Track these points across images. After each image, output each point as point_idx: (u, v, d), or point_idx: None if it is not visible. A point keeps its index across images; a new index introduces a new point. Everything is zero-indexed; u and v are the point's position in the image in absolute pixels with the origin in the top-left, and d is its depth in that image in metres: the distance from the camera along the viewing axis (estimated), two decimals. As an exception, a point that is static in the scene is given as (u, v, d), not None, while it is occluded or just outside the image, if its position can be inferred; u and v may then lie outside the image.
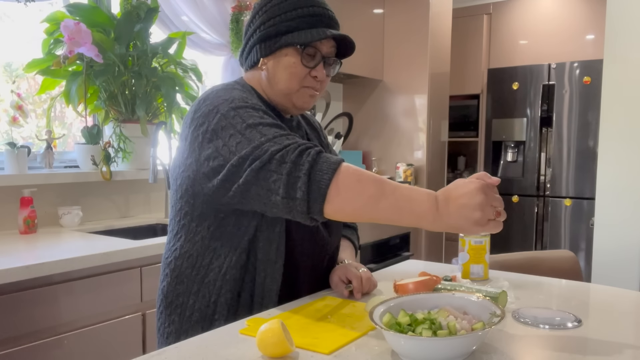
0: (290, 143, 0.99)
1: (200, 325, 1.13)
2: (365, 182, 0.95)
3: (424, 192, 0.94)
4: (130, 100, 2.39)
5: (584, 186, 4.11)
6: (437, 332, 0.84)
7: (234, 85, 1.19)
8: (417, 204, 0.93)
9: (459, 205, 0.90)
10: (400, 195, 0.94)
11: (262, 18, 1.17)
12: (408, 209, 0.94)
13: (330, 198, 0.95)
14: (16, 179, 2.04)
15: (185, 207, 1.15)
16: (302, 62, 1.15)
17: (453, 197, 0.91)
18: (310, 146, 0.99)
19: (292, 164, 0.96)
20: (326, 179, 0.95)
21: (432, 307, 0.95)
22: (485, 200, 0.89)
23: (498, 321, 0.85)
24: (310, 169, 0.95)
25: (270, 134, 1.01)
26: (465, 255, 1.33)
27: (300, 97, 1.19)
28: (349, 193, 0.95)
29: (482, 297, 0.96)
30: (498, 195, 0.92)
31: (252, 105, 1.08)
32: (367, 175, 0.97)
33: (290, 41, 1.14)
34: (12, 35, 2.34)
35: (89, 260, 1.63)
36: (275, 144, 0.99)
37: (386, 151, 3.93)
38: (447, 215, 0.91)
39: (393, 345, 0.86)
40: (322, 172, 0.95)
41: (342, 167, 0.96)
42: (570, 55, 4.38)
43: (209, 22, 2.83)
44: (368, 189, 0.95)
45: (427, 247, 3.79)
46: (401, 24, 3.82)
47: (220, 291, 1.12)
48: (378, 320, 0.87)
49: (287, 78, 1.17)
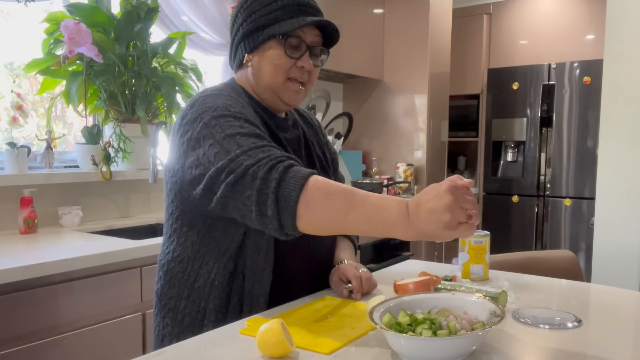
0: (262, 157, 0.98)
1: (191, 330, 1.13)
2: (333, 196, 0.94)
3: (394, 200, 0.92)
4: (130, 100, 2.39)
5: (584, 186, 4.11)
6: (437, 332, 0.83)
7: (222, 90, 1.17)
8: (387, 212, 0.91)
9: (428, 209, 0.86)
10: (369, 205, 0.92)
11: (244, 15, 1.17)
12: (378, 218, 0.92)
13: (300, 214, 0.94)
14: (16, 179, 2.04)
15: (177, 212, 1.17)
16: (285, 53, 1.15)
17: (422, 202, 0.88)
18: (281, 160, 0.98)
19: (261, 181, 0.96)
20: (293, 196, 0.94)
21: (432, 307, 0.95)
22: (454, 202, 0.85)
23: (498, 321, 0.85)
24: (277, 186, 0.95)
25: (246, 146, 1.00)
26: (465, 255, 1.32)
27: (286, 91, 1.18)
28: (317, 208, 0.94)
29: (482, 297, 0.96)
30: (470, 197, 0.87)
31: (233, 113, 1.07)
32: (335, 188, 0.95)
33: (271, 33, 1.14)
34: (13, 34, 2.34)
35: (89, 260, 1.63)
36: (249, 157, 0.98)
37: (386, 151, 3.93)
38: (418, 221, 0.88)
39: (393, 345, 0.86)
40: (290, 189, 0.94)
41: (310, 183, 0.95)
42: (570, 55, 4.38)
43: (209, 22, 2.83)
44: (336, 202, 0.94)
45: (427, 247, 3.79)
46: (401, 24, 3.82)
47: (209, 297, 1.12)
48: (378, 320, 0.87)
49: (271, 71, 1.16)
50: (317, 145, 1.36)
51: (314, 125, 1.40)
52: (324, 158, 1.35)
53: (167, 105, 2.41)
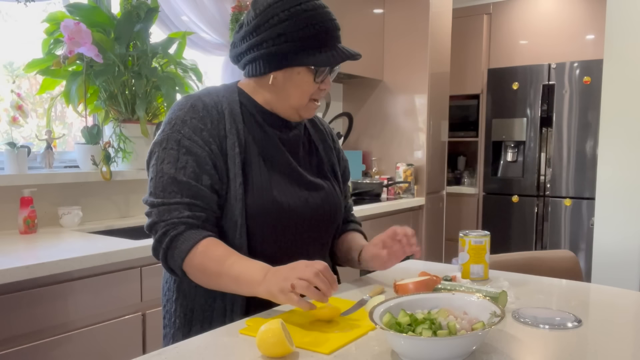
0: (163, 219, 1.11)
1: (181, 332, 1.19)
2: (207, 269, 1.08)
3: (259, 265, 1.06)
4: (130, 100, 2.39)
5: (584, 186, 4.11)
6: (437, 332, 0.83)
7: (195, 101, 1.19)
8: (252, 272, 1.05)
9: (275, 273, 1.02)
10: (237, 269, 1.06)
11: (271, 32, 1.14)
12: (244, 279, 1.05)
13: (188, 274, 1.12)
14: (16, 179, 2.04)
15: None
16: (315, 81, 1.19)
17: (280, 269, 1.03)
18: (170, 228, 1.10)
19: (156, 242, 1.12)
20: (178, 266, 1.11)
21: (432, 307, 0.95)
22: (291, 273, 0.99)
23: (498, 321, 0.85)
24: (165, 255, 1.12)
25: (160, 199, 1.12)
26: (465, 255, 1.32)
27: (308, 109, 1.24)
28: (197, 278, 1.11)
29: (482, 297, 0.96)
30: (306, 271, 0.98)
31: (180, 139, 1.14)
32: (210, 260, 1.08)
33: (305, 62, 1.16)
34: (13, 34, 2.34)
35: (89, 260, 1.63)
36: (155, 214, 1.12)
37: (386, 151, 3.93)
38: (267, 282, 1.02)
39: (393, 345, 0.86)
40: (174, 260, 1.11)
41: (187, 260, 1.09)
42: (570, 55, 4.38)
43: (209, 22, 2.83)
44: (210, 272, 1.08)
45: (427, 247, 3.79)
46: (401, 24, 3.82)
47: (194, 298, 1.18)
48: (378, 320, 0.87)
49: (299, 95, 1.20)
50: (323, 150, 1.35)
51: (324, 130, 1.40)
52: (328, 163, 1.35)
53: (167, 105, 2.42)
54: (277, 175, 1.20)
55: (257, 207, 1.15)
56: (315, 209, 1.24)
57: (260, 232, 1.16)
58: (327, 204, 1.27)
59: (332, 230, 1.33)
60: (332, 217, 1.29)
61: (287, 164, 1.23)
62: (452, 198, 4.66)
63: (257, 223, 1.15)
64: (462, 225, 4.72)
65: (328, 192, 1.28)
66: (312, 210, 1.23)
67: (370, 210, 3.09)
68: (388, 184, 3.65)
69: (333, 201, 1.29)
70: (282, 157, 1.22)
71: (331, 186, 1.30)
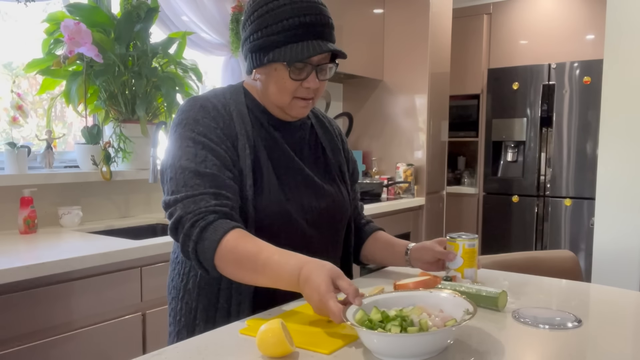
0: (189, 211, 1.05)
1: (186, 330, 1.19)
2: (241, 265, 1.03)
3: (287, 271, 1.00)
4: (130, 100, 2.39)
5: (584, 186, 4.11)
6: (407, 329, 0.84)
7: (203, 101, 1.17)
8: (286, 277, 1.00)
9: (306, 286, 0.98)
10: (269, 271, 1.01)
11: (252, 27, 1.14)
12: (279, 283, 1.02)
13: (219, 267, 1.05)
14: (16, 179, 2.04)
15: None
16: (290, 77, 1.14)
17: (307, 283, 0.98)
18: (198, 219, 1.05)
19: (184, 236, 1.06)
20: (209, 258, 1.04)
21: (407, 305, 0.95)
22: (310, 298, 0.97)
23: (469, 318, 0.85)
24: (195, 246, 1.05)
25: (183, 192, 1.07)
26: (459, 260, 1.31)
27: (294, 108, 1.19)
28: (229, 270, 1.05)
29: (458, 295, 0.96)
30: (315, 304, 0.96)
31: (195, 135, 1.11)
32: (242, 251, 1.02)
33: (277, 58, 1.12)
34: (13, 34, 2.34)
35: (89, 260, 1.63)
36: (180, 208, 1.07)
37: (386, 151, 3.93)
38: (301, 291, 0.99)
39: (365, 342, 0.87)
40: (205, 253, 1.04)
41: (221, 247, 1.03)
42: (570, 55, 4.38)
43: (209, 22, 2.83)
44: (244, 269, 1.03)
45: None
46: (401, 24, 3.82)
47: (198, 297, 1.17)
48: (351, 317, 0.88)
49: (277, 92, 1.17)
50: (331, 151, 1.34)
51: (333, 132, 1.38)
52: (336, 164, 1.34)
53: (167, 105, 2.41)
54: (285, 177, 1.20)
55: (266, 208, 1.15)
56: (323, 210, 1.24)
57: (268, 233, 1.15)
58: (334, 205, 1.27)
59: (341, 230, 1.34)
60: (339, 218, 1.30)
61: (294, 165, 1.23)
62: (452, 198, 4.66)
63: (266, 224, 1.15)
64: (463, 226, 4.72)
65: (335, 193, 1.28)
66: (320, 212, 1.23)
67: (371, 210, 3.09)
68: (388, 184, 3.65)
69: (340, 202, 1.29)
70: (289, 159, 1.22)
71: (338, 188, 1.30)
